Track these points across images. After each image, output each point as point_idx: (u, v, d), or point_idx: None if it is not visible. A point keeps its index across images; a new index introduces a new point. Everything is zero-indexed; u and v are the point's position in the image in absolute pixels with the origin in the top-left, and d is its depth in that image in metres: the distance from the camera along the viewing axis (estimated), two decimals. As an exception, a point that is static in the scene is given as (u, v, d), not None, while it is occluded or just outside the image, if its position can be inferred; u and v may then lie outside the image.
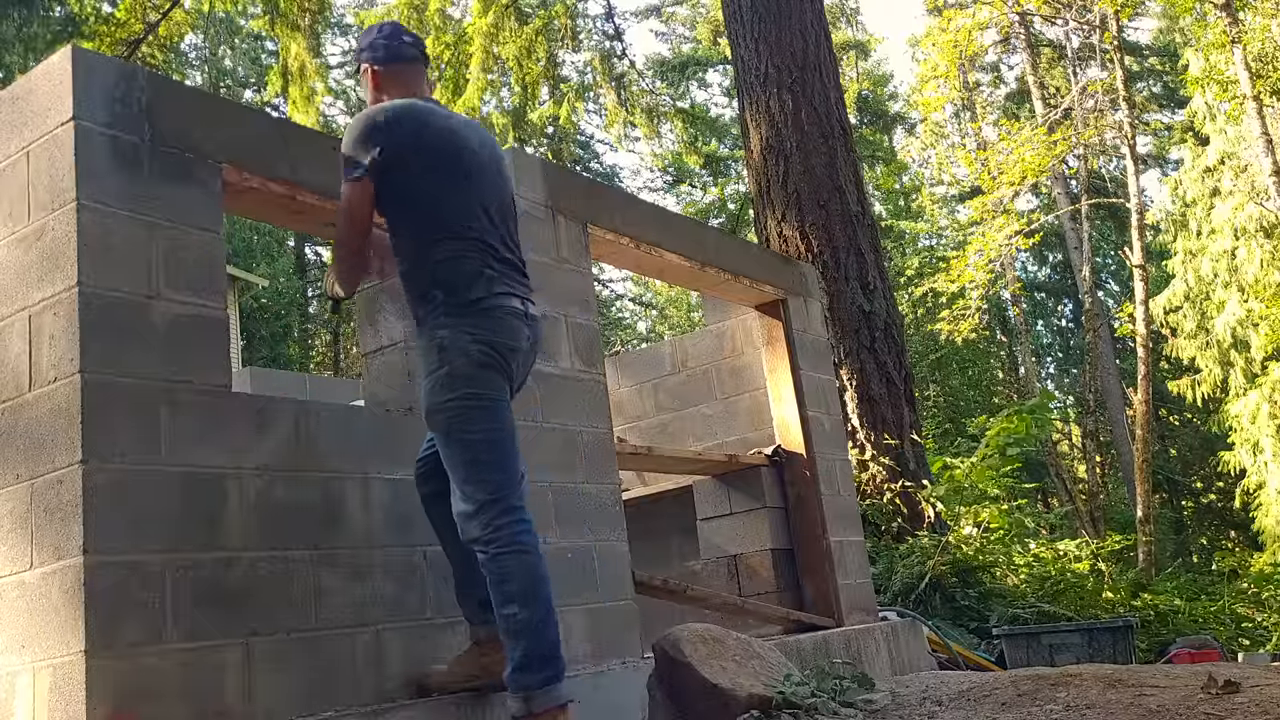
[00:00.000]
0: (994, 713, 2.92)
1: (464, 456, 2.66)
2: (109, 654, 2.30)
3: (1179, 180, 19.66)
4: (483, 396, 2.67)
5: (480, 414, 2.67)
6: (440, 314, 2.70)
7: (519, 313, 2.79)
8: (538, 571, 2.62)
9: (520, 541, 2.62)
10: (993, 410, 18.45)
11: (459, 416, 2.66)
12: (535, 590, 2.59)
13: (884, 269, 9.01)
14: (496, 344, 2.70)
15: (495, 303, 2.73)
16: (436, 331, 2.69)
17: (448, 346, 2.67)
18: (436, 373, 2.67)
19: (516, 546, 2.61)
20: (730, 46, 9.91)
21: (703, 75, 29.67)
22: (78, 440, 2.37)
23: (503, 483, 2.66)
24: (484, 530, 2.61)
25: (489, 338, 2.69)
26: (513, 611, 2.56)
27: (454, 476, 2.68)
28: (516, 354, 2.77)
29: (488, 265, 2.75)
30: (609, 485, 3.82)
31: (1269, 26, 15.26)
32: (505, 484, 2.67)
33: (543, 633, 2.57)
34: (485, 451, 2.66)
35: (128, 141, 2.64)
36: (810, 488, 5.07)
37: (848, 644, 4.59)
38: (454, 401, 2.66)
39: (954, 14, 17.64)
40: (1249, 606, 9.11)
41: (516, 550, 2.61)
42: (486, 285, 2.73)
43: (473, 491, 2.63)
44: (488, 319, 2.70)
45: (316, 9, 13.82)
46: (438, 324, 2.70)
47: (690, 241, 4.76)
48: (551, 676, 2.56)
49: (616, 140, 22.84)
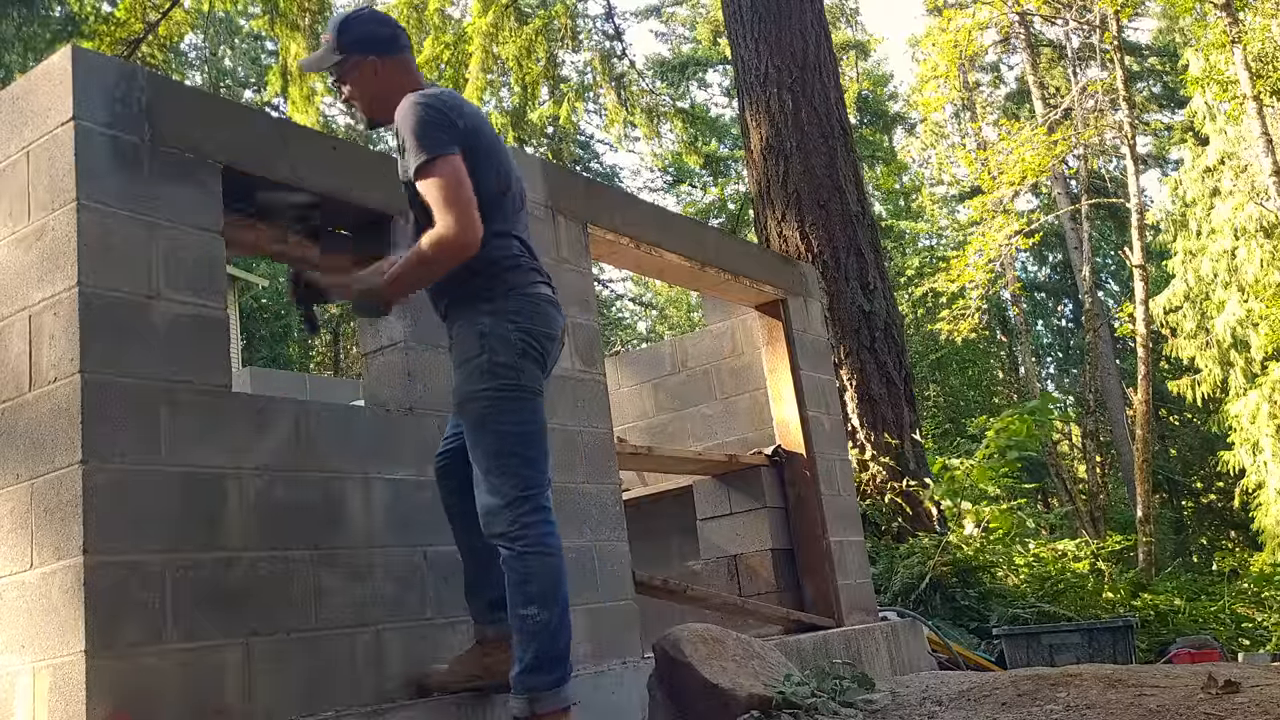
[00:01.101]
0: (994, 713, 2.92)
1: (496, 447, 2.59)
2: (109, 654, 2.30)
3: (1179, 180, 19.67)
4: (522, 388, 2.62)
5: (517, 405, 2.62)
6: (482, 301, 2.65)
7: (554, 300, 2.77)
8: (560, 575, 2.58)
9: (547, 543, 2.57)
10: (993, 410, 18.49)
11: (494, 406, 2.60)
12: (556, 593, 2.55)
13: (884, 269, 9.01)
14: (536, 333, 2.66)
15: (534, 291, 2.70)
16: (478, 319, 2.64)
17: (489, 333, 2.62)
18: (476, 359, 2.61)
19: (543, 548, 2.56)
20: (730, 46, 9.91)
21: (703, 75, 29.68)
22: (78, 440, 2.37)
23: (533, 479, 2.61)
24: (511, 526, 2.55)
25: (529, 326, 2.65)
26: (532, 613, 2.52)
27: (482, 468, 2.61)
28: (554, 343, 2.74)
29: (524, 254, 2.73)
30: (609, 485, 3.82)
31: (1269, 26, 15.26)
32: (536, 480, 2.61)
33: (558, 636, 2.55)
34: (519, 444, 2.61)
35: (128, 141, 2.64)
36: (810, 488, 5.07)
37: (848, 644, 4.59)
38: (491, 391, 2.60)
39: (954, 14, 17.63)
40: (1249, 606, 9.11)
41: (542, 551, 2.56)
42: (524, 274, 2.70)
43: (501, 485, 2.57)
44: (528, 306, 2.67)
45: (316, 9, 13.81)
46: (479, 311, 2.64)
47: (690, 241, 4.76)
48: (560, 679, 2.54)
49: (616, 140, 22.86)
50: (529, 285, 2.70)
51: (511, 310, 2.64)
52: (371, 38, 2.80)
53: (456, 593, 3.03)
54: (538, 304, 2.70)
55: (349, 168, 3.21)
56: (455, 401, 2.68)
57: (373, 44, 2.79)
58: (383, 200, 3.26)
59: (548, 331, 2.70)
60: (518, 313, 2.65)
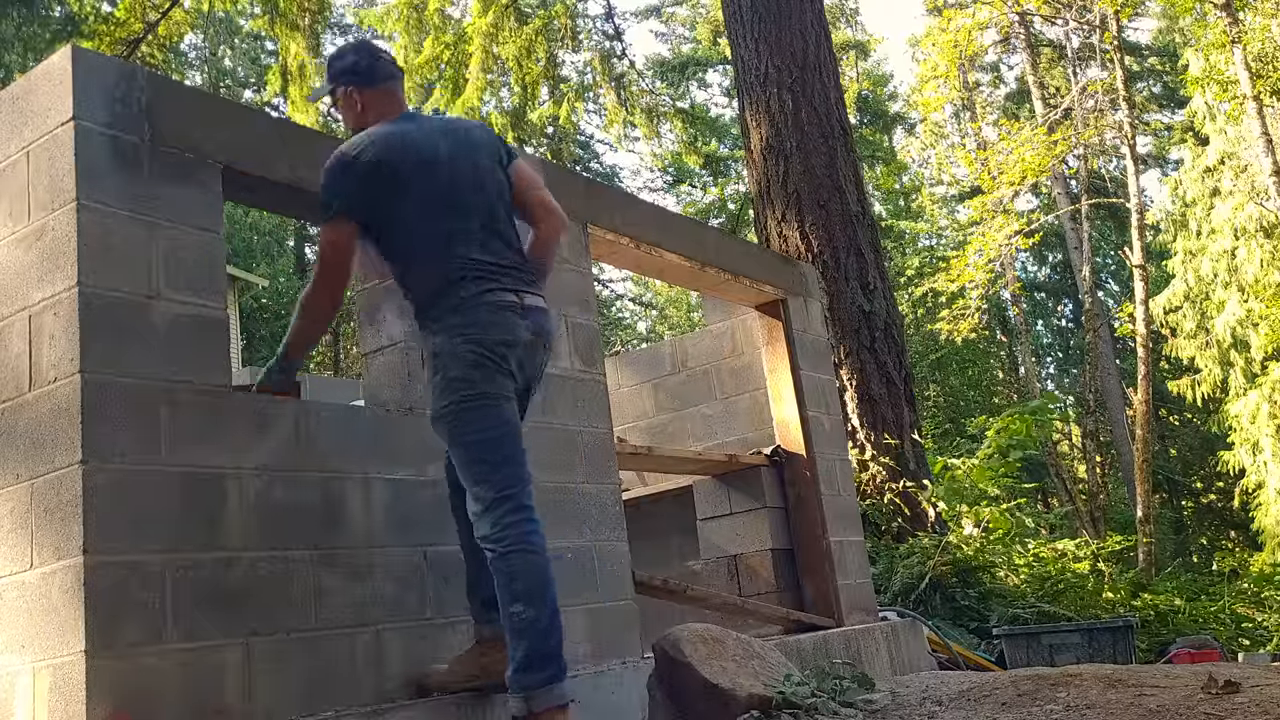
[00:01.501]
0: (994, 713, 2.92)
1: (467, 457, 2.69)
2: (109, 654, 2.30)
3: (1179, 180, 19.67)
4: (478, 397, 2.69)
5: (478, 414, 2.69)
6: (430, 322, 2.77)
7: (513, 305, 2.78)
8: (545, 572, 2.63)
9: (529, 541, 2.63)
10: (993, 410, 18.49)
11: (458, 419, 2.69)
12: (542, 591, 2.60)
13: (884, 269, 9.01)
14: (487, 341, 2.71)
15: (481, 300, 2.73)
16: (430, 339, 2.76)
17: (440, 353, 2.72)
18: (433, 380, 2.73)
19: (525, 546, 2.62)
20: (730, 46, 9.91)
21: (703, 75, 29.67)
22: (78, 440, 2.37)
23: (509, 479, 2.68)
24: (493, 529, 2.63)
25: (479, 335, 2.70)
26: (519, 610, 2.57)
27: (464, 479, 2.72)
28: (514, 347, 2.75)
29: (468, 270, 2.76)
30: (609, 485, 3.82)
31: (1269, 26, 15.26)
32: (512, 480, 2.68)
33: (548, 633, 2.58)
34: (487, 451, 2.68)
35: (128, 141, 2.64)
36: (810, 488, 5.07)
37: (848, 644, 4.59)
38: (451, 406, 2.69)
39: (954, 14, 17.63)
40: (1249, 606, 9.11)
41: (525, 549, 2.62)
42: (470, 285, 2.74)
43: (480, 491, 2.67)
44: (475, 316, 2.72)
45: (316, 9, 13.81)
46: (429, 332, 2.77)
47: (690, 241, 4.76)
48: (553, 676, 2.56)
49: (616, 140, 22.85)
50: (481, 294, 2.74)
51: (458, 325, 2.72)
52: (351, 69, 2.99)
53: (456, 593, 3.03)
54: (488, 314, 2.73)
55: (349, 168, 3.20)
56: (430, 420, 2.78)
57: (352, 75, 2.98)
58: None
59: (504, 338, 2.74)
60: (467, 325, 2.71)
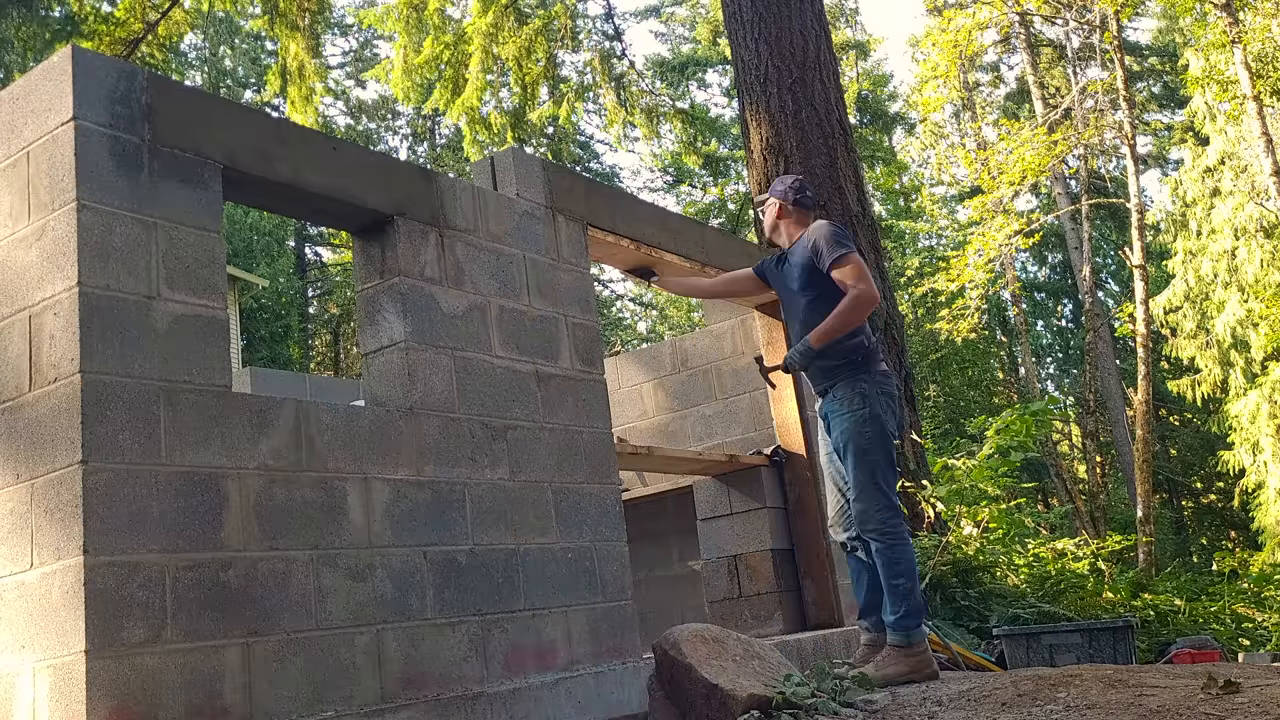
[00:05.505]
0: (994, 713, 2.92)
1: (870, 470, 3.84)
2: (109, 654, 2.30)
3: (1179, 180, 19.68)
4: (885, 433, 3.89)
5: (884, 442, 3.88)
6: (862, 372, 3.92)
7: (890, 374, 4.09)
8: (912, 553, 3.87)
9: (904, 535, 3.86)
10: (993, 410, 18.48)
11: (872, 443, 3.85)
12: (913, 568, 3.84)
13: (884, 269, 9.01)
14: (892, 395, 3.97)
15: (885, 368, 4.02)
16: (859, 384, 3.91)
17: (869, 394, 3.89)
18: (859, 411, 3.88)
19: (903, 539, 3.84)
20: (730, 46, 9.90)
21: (703, 75, 29.68)
22: (78, 440, 2.37)
23: (891, 492, 3.88)
24: (882, 525, 3.82)
25: (891, 390, 3.96)
26: (900, 582, 3.78)
27: (859, 482, 3.85)
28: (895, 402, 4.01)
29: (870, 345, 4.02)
30: (609, 485, 3.82)
31: (1269, 26, 15.26)
32: (893, 493, 3.89)
33: (917, 594, 3.81)
34: (884, 468, 3.86)
35: (128, 141, 2.64)
36: (810, 488, 5.07)
37: (848, 644, 4.59)
38: (870, 433, 3.86)
39: (954, 14, 17.64)
40: (1249, 606, 9.09)
41: (903, 542, 3.84)
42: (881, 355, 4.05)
43: (874, 495, 3.84)
44: (886, 379, 3.97)
45: (316, 9, 13.81)
46: (860, 378, 3.92)
47: (690, 241, 4.76)
48: (919, 623, 3.80)
49: (616, 140, 22.82)
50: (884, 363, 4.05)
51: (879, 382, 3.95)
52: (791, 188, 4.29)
53: (457, 593, 3.03)
54: (889, 378, 4.01)
55: (349, 168, 3.21)
56: (843, 441, 3.90)
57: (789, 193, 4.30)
58: (383, 200, 3.26)
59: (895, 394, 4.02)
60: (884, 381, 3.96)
